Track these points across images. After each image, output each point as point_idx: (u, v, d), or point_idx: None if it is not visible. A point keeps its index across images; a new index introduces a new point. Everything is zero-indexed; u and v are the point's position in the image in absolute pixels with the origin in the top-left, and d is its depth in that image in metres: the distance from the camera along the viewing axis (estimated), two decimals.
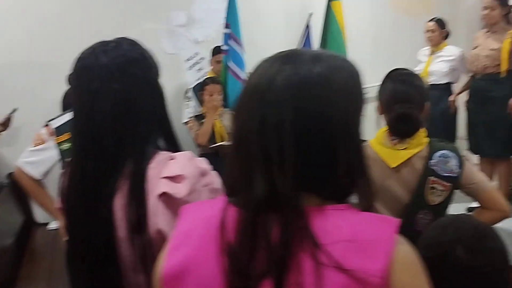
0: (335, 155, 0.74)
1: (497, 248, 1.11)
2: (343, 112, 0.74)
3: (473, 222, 1.16)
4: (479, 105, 3.78)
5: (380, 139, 1.81)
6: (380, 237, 0.70)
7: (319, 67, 0.74)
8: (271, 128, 0.72)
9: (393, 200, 1.78)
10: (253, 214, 0.72)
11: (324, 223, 0.71)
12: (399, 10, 5.19)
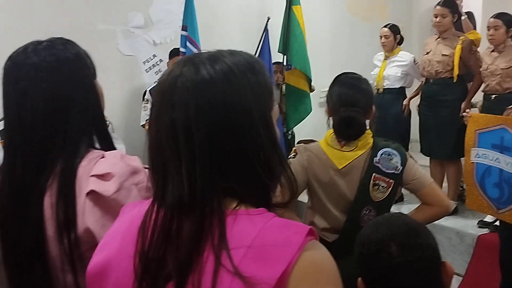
0: (247, 153, 0.74)
1: (428, 245, 1.15)
2: (249, 109, 0.74)
3: (406, 220, 1.21)
4: (431, 109, 3.90)
5: (328, 140, 1.85)
6: (284, 244, 0.69)
7: (218, 66, 0.75)
8: (181, 131, 0.72)
9: (340, 198, 1.82)
10: (167, 217, 0.73)
11: (233, 227, 0.71)
12: (356, 15, 5.32)
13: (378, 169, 1.78)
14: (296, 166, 1.83)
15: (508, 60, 3.40)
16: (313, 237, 0.73)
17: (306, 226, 0.72)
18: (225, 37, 4.47)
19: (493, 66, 3.53)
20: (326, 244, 1.83)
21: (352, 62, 5.13)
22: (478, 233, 3.57)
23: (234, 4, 4.61)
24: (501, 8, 3.93)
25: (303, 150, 1.86)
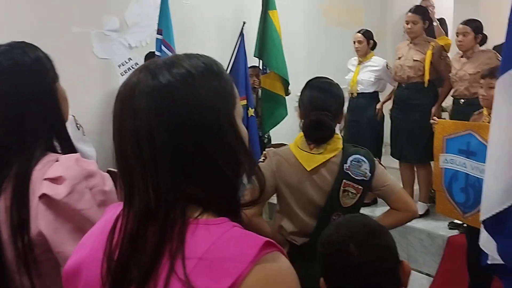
0: (212, 154, 0.74)
1: (387, 245, 1.19)
2: (210, 110, 0.74)
3: (365, 221, 1.24)
4: (403, 113, 3.98)
5: (298, 144, 1.87)
6: (236, 257, 0.69)
7: (175, 70, 0.75)
8: (143, 138, 0.72)
9: (309, 203, 1.85)
10: (133, 223, 0.73)
11: (191, 237, 0.71)
12: (331, 20, 5.39)
13: (348, 175, 1.81)
14: (265, 170, 1.84)
15: (476, 65, 3.50)
16: (272, 250, 0.71)
17: (263, 239, 0.71)
18: (200, 41, 4.49)
19: (461, 71, 3.62)
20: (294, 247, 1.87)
21: (327, 66, 5.19)
22: (449, 234, 3.65)
23: (209, 9, 4.63)
24: (471, 14, 4.04)
25: (273, 154, 1.88)
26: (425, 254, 3.78)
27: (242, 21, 4.08)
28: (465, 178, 2.90)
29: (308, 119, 1.82)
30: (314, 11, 5.28)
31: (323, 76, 1.98)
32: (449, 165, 2.99)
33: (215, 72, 0.78)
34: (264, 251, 0.70)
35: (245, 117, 4.01)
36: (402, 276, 1.20)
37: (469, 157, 2.84)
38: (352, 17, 5.47)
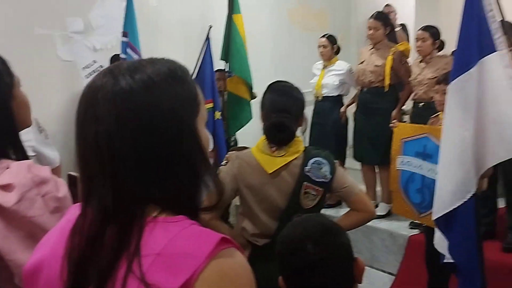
0: (171, 160, 0.76)
1: (341, 242, 1.24)
2: (171, 116, 0.76)
3: (321, 220, 1.30)
4: (365, 116, 4.10)
5: (260, 147, 1.91)
6: (192, 253, 0.71)
7: (137, 75, 0.76)
8: (103, 142, 0.74)
9: (270, 205, 1.88)
10: (93, 224, 0.75)
11: (149, 235, 0.73)
12: (297, 25, 5.46)
13: (309, 178, 1.86)
14: (226, 174, 1.87)
15: (434, 70, 3.63)
16: (228, 246, 0.73)
17: (219, 235, 0.73)
18: (166, 44, 4.49)
19: (421, 76, 3.75)
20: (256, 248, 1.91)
21: (293, 70, 5.27)
22: (410, 233, 3.77)
23: (176, 11, 4.63)
24: (432, 21, 4.19)
25: (235, 158, 1.91)
26: (388, 254, 3.88)
27: (208, 24, 4.10)
28: (421, 180, 3.01)
29: (269, 122, 1.86)
30: (279, 15, 5.34)
31: (283, 80, 2.02)
32: (406, 167, 3.09)
33: (179, 78, 0.79)
34: (220, 247, 0.72)
35: (212, 120, 4.03)
36: (356, 272, 1.26)
37: (425, 160, 2.95)
38: (317, 21, 5.57)
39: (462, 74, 2.19)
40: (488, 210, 3.49)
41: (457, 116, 2.26)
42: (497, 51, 2.17)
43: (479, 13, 2.16)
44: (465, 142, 2.23)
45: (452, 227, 2.36)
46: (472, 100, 2.20)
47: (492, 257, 3.13)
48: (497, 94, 2.20)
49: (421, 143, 2.99)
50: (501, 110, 2.21)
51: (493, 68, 2.18)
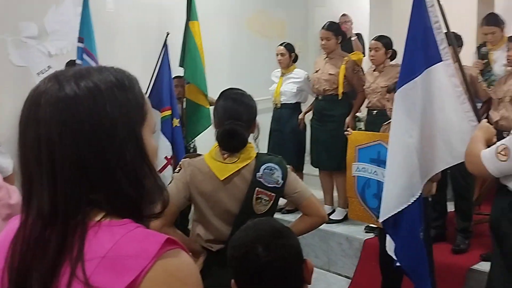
0: (113, 167, 0.76)
1: (291, 245, 1.28)
2: (115, 124, 0.76)
3: (272, 223, 1.33)
4: (320, 123, 4.20)
5: (212, 154, 1.92)
6: (138, 254, 0.71)
7: (83, 83, 0.76)
8: (44, 147, 0.74)
9: (223, 211, 1.90)
10: (33, 230, 0.75)
11: (93, 239, 0.73)
12: (255, 33, 5.53)
13: (261, 183, 1.88)
14: (178, 181, 1.88)
15: (386, 79, 3.75)
16: (173, 247, 0.74)
17: (164, 236, 0.74)
18: (124, 50, 4.45)
19: (374, 84, 3.87)
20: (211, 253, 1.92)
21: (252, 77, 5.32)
22: (365, 237, 3.86)
23: (133, 17, 4.60)
24: (385, 30, 4.33)
25: (187, 165, 1.91)
26: (344, 257, 3.96)
27: (166, 31, 4.10)
28: (377, 185, 3.10)
29: (222, 129, 1.87)
30: (237, 23, 5.39)
31: (236, 88, 2.05)
32: (361, 173, 3.18)
33: (125, 87, 0.80)
34: (166, 248, 0.73)
35: (170, 127, 4.02)
36: (305, 273, 1.30)
37: (380, 165, 3.04)
38: (275, 29, 5.65)
39: (408, 83, 2.29)
40: (438, 213, 3.64)
41: (402, 123, 2.35)
42: (443, 61, 2.28)
43: (425, 24, 2.27)
44: (409, 148, 2.32)
45: (398, 230, 2.44)
46: (417, 108, 2.30)
47: (442, 259, 3.26)
48: (443, 103, 2.31)
49: (374, 149, 3.09)
50: (448, 118, 2.32)
51: (439, 78, 2.29)
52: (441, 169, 2.49)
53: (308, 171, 4.81)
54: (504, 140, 1.95)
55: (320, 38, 4.16)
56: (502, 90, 3.24)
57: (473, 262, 3.28)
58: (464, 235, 3.50)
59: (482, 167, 1.98)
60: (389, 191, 2.46)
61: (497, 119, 3.22)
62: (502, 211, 2.00)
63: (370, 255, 3.61)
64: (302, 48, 5.64)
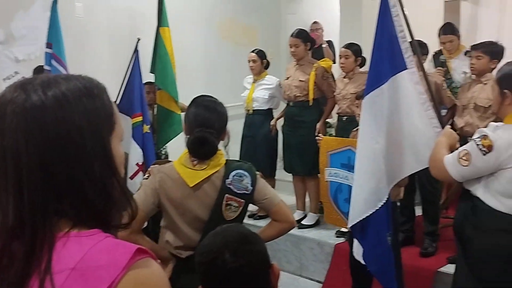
0: (81, 178, 0.76)
1: (258, 250, 1.29)
2: (82, 134, 0.76)
3: (239, 229, 1.35)
4: (292, 129, 4.24)
5: (182, 160, 1.92)
6: (108, 265, 0.71)
7: (50, 92, 0.76)
8: (9, 157, 0.73)
9: (193, 218, 1.90)
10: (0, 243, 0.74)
11: (61, 250, 0.73)
12: (228, 40, 5.55)
13: (230, 190, 1.89)
14: (147, 188, 1.88)
15: (356, 86, 3.81)
16: (144, 256, 0.75)
17: (134, 246, 0.74)
18: (94, 56, 4.41)
19: (344, 91, 3.93)
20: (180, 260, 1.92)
21: (224, 84, 5.35)
22: (336, 242, 3.90)
23: (103, 23, 4.56)
24: (355, 37, 4.40)
25: (156, 172, 1.91)
26: (316, 262, 4.00)
27: (137, 36, 4.07)
28: (348, 190, 3.13)
29: (193, 136, 1.88)
30: (210, 29, 5.40)
31: (207, 95, 2.05)
32: (333, 178, 3.22)
33: (94, 95, 0.80)
34: (136, 258, 0.73)
35: (141, 133, 3.99)
36: (272, 278, 1.31)
37: (350, 171, 3.08)
38: (247, 36, 5.68)
39: (374, 90, 2.35)
40: (407, 218, 3.71)
41: (369, 129, 2.41)
42: (408, 69, 2.34)
43: (391, 33, 2.33)
44: (376, 154, 2.38)
45: (366, 234, 2.49)
46: (383, 115, 2.35)
47: (411, 262, 3.33)
48: (409, 109, 2.37)
49: (345, 155, 3.13)
50: (413, 124, 2.38)
51: (405, 85, 2.35)
52: (407, 174, 2.54)
53: (280, 177, 4.85)
54: (466, 145, 2.02)
55: (289, 45, 4.21)
56: (466, 97, 3.34)
57: (440, 264, 3.35)
58: (431, 238, 3.57)
59: (445, 172, 2.04)
60: (357, 197, 2.51)
61: (462, 125, 3.31)
62: (465, 215, 2.06)
63: (340, 260, 3.65)
64: (274, 55, 5.69)
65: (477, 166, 1.95)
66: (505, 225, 1.93)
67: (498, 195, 1.94)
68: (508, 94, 1.98)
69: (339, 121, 4.07)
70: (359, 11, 5.23)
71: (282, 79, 4.48)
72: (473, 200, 2.03)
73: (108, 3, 4.54)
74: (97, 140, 0.78)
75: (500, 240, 1.94)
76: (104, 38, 4.56)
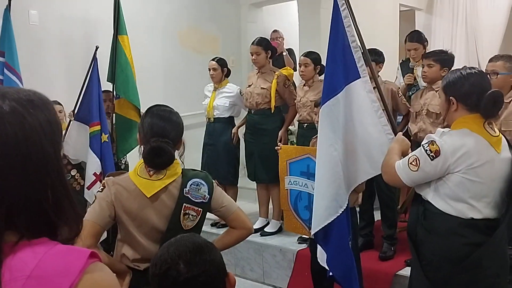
0: (30, 189, 0.76)
1: (212, 260, 1.29)
2: (32, 147, 0.77)
3: (194, 239, 1.33)
4: (254, 137, 4.26)
5: (138, 171, 1.89)
6: (64, 270, 0.73)
7: (6, 104, 0.77)
8: None
9: (151, 229, 1.87)
10: None
11: (13, 258, 0.73)
12: (188, 48, 5.53)
13: (188, 199, 1.88)
14: (102, 201, 1.84)
15: (316, 93, 3.87)
16: (96, 260, 0.77)
17: (87, 250, 0.77)
18: (49, 65, 4.30)
19: (304, 98, 3.99)
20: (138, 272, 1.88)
21: (185, 92, 5.33)
22: (298, 248, 3.94)
23: (58, 31, 4.45)
24: (314, 45, 4.48)
25: (111, 183, 1.87)
26: (278, 269, 4.02)
27: (94, 45, 4.01)
28: (308, 197, 3.18)
29: (149, 146, 1.85)
30: (171, 38, 5.37)
31: (163, 104, 2.03)
32: (293, 186, 3.26)
33: (44, 107, 0.81)
34: (90, 261, 0.76)
35: (99, 143, 3.93)
36: (228, 287, 1.31)
37: (310, 178, 3.12)
38: (208, 45, 5.68)
39: (331, 99, 2.40)
40: (366, 222, 3.79)
41: (327, 137, 2.46)
42: (361, 78, 2.41)
43: (344, 43, 2.39)
44: (334, 161, 2.43)
45: (329, 240, 2.53)
46: (340, 123, 2.41)
47: (370, 266, 3.40)
48: (363, 117, 2.43)
49: (304, 163, 3.17)
50: (368, 131, 2.45)
51: (358, 93, 2.41)
52: (363, 180, 2.61)
53: (243, 184, 4.86)
54: (415, 151, 2.08)
55: (250, 53, 4.24)
56: (419, 104, 3.44)
57: (399, 267, 3.43)
58: (390, 242, 3.66)
59: (396, 177, 2.09)
60: (319, 204, 2.55)
61: (416, 131, 3.42)
62: (417, 219, 2.12)
63: (302, 266, 3.69)
64: (235, 64, 5.72)
65: (425, 171, 2.01)
66: (455, 228, 2.00)
67: (447, 198, 2.01)
68: (453, 101, 2.05)
69: (300, 128, 4.12)
70: (317, 20, 5.33)
71: (243, 87, 4.51)
72: (424, 204, 2.09)
73: (63, 10, 4.45)
74: (46, 153, 0.79)
75: (451, 243, 2.00)
76: (59, 46, 4.46)
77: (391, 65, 5.41)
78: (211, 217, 2.95)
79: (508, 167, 2.04)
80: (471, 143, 1.97)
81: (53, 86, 4.22)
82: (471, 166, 1.96)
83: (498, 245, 2.01)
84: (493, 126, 2.06)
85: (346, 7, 2.38)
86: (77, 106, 3.99)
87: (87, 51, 4.11)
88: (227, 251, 4.22)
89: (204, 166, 4.47)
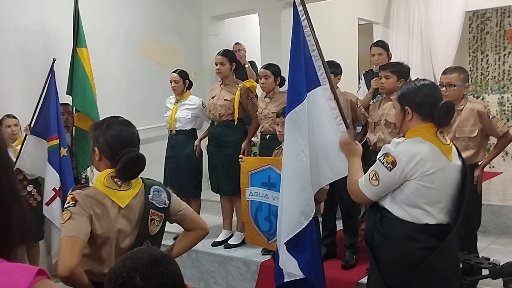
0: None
1: (169, 272, 1.26)
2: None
3: (150, 252, 1.31)
4: (217, 149, 4.26)
5: (105, 183, 1.85)
6: (13, 286, 0.72)
7: None
8: None
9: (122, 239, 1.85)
10: None
11: None
12: (149, 60, 5.49)
13: (153, 205, 1.91)
14: (79, 217, 1.76)
15: (277, 105, 3.91)
16: (43, 277, 0.75)
17: (35, 267, 0.75)
18: (5, 78, 4.18)
19: (265, 110, 4.02)
20: None
21: (147, 105, 5.28)
22: (262, 260, 3.94)
23: (15, 43, 4.32)
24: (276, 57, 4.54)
25: (84, 197, 1.80)
26: (242, 281, 4.00)
27: (52, 57, 3.93)
28: (268, 208, 3.20)
29: (127, 156, 1.83)
30: (131, 50, 5.32)
31: (119, 116, 2.02)
32: (254, 197, 3.27)
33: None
34: (37, 278, 0.74)
35: (58, 157, 3.84)
36: None
37: (270, 189, 3.15)
38: (170, 57, 5.66)
39: (298, 106, 2.46)
40: (329, 232, 3.83)
41: (295, 145, 2.52)
42: (321, 85, 2.47)
43: (305, 53, 2.44)
44: (305, 167, 2.50)
45: (302, 246, 2.58)
46: (305, 129, 2.48)
47: (333, 275, 3.43)
48: (323, 123, 2.50)
49: (265, 173, 3.20)
50: (327, 137, 2.51)
51: (319, 100, 2.48)
52: (324, 184, 2.68)
53: (206, 197, 4.83)
54: (373, 166, 2.13)
55: (215, 64, 4.25)
56: (377, 114, 3.53)
57: (361, 276, 3.48)
58: (352, 250, 3.71)
59: (362, 195, 2.14)
60: (289, 212, 2.58)
61: (375, 141, 3.50)
62: (374, 225, 2.17)
63: (266, 277, 3.69)
64: (197, 76, 5.71)
65: (385, 183, 2.07)
66: (411, 233, 2.05)
67: (403, 204, 2.07)
68: (409, 111, 2.12)
69: (263, 139, 4.14)
70: (278, 32, 5.42)
71: (206, 99, 4.50)
72: (381, 211, 2.14)
73: (19, 22, 4.33)
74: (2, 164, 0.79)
75: (406, 248, 2.06)
76: (16, 59, 4.33)
77: (350, 77, 5.54)
78: (173, 230, 2.92)
79: (458, 174, 2.12)
80: (425, 151, 2.04)
81: (10, 99, 4.10)
82: (426, 173, 2.02)
83: (451, 249, 2.08)
84: (444, 135, 2.14)
85: (306, 18, 2.44)
86: (33, 119, 3.89)
87: (45, 64, 4.02)
88: (190, 265, 4.21)
89: (167, 179, 4.43)
